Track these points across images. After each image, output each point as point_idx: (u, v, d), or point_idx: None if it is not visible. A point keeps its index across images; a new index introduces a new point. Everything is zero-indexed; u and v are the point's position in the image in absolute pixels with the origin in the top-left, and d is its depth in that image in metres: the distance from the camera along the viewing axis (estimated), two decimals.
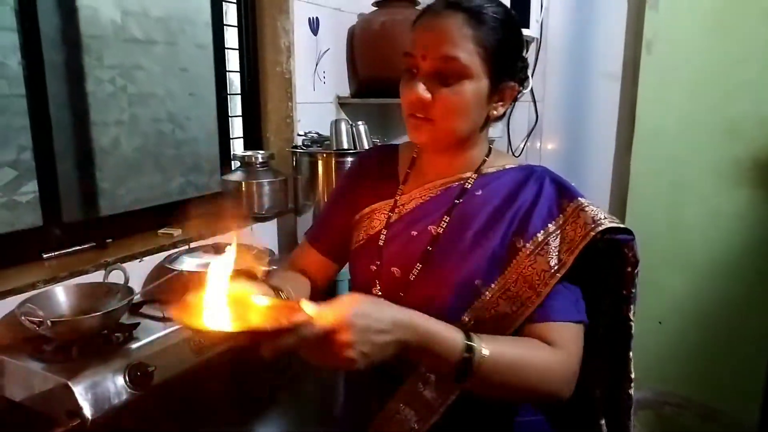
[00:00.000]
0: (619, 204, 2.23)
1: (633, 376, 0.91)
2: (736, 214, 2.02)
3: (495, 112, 0.91)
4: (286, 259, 1.15)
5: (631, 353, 0.91)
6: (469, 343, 0.74)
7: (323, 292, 1.10)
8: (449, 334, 0.74)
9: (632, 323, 0.89)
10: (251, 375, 1.31)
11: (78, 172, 1.59)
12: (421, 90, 0.84)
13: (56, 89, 1.46)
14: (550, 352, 0.81)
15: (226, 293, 0.73)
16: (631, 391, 0.91)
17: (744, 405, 2.06)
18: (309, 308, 0.67)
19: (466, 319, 0.85)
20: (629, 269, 0.87)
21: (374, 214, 0.99)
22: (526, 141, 2.39)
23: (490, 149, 0.97)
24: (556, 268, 0.83)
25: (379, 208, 0.99)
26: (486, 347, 0.75)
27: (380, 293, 0.93)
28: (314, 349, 0.67)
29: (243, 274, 0.82)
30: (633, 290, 0.88)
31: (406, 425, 0.87)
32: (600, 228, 0.83)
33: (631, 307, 0.89)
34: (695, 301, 2.13)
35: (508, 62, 0.88)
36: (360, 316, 0.67)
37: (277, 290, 0.91)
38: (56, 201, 1.45)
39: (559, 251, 0.84)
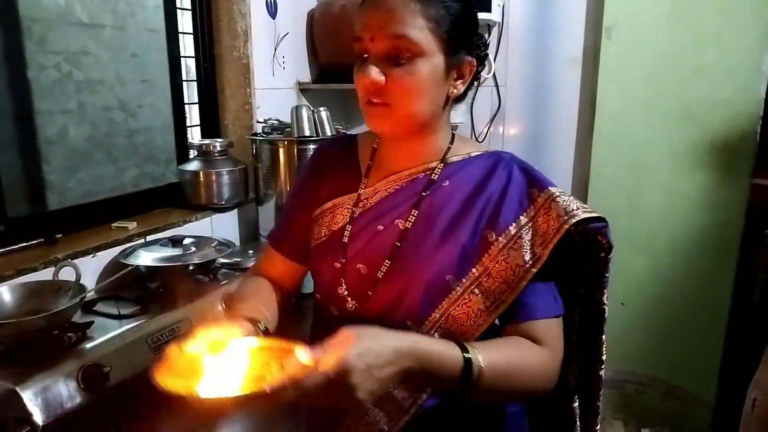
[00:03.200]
0: (581, 187, 2.25)
1: (604, 358, 0.92)
2: (694, 197, 2.07)
3: (455, 91, 0.87)
4: (251, 267, 1.11)
5: (603, 336, 0.91)
6: (467, 356, 0.73)
7: (293, 295, 1.07)
8: (447, 351, 0.73)
9: (605, 306, 0.89)
10: None
11: (22, 164, 1.51)
12: (374, 73, 0.80)
13: None
14: (540, 352, 0.82)
15: (208, 347, 0.69)
16: (602, 373, 0.92)
17: (702, 382, 2.13)
18: (304, 357, 0.64)
19: (437, 315, 0.83)
20: (602, 254, 0.85)
21: (336, 209, 0.95)
22: (489, 126, 2.39)
23: (453, 135, 0.94)
24: (531, 262, 0.82)
25: (342, 203, 0.95)
26: (482, 358, 0.74)
27: (346, 292, 0.90)
28: (318, 396, 0.64)
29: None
30: (606, 275, 0.87)
31: (375, 427, 0.85)
32: (573, 220, 0.82)
33: (604, 291, 0.88)
34: (655, 282, 2.18)
35: (462, 36, 0.84)
36: (360, 356, 0.65)
37: (254, 322, 0.86)
38: None
39: (532, 245, 0.83)
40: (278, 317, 0.97)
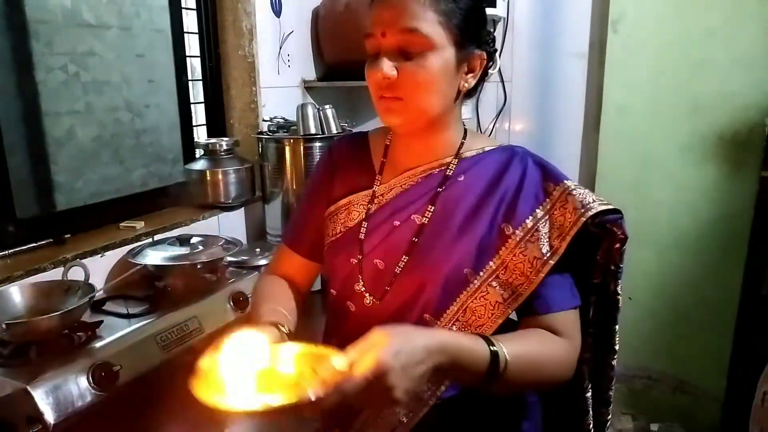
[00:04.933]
0: (588, 182, 2.24)
1: (617, 347, 0.92)
2: (702, 190, 2.06)
3: (466, 84, 0.88)
4: (266, 267, 1.12)
5: (617, 326, 0.91)
6: (493, 349, 0.74)
7: (306, 293, 1.07)
8: (475, 346, 0.75)
9: (619, 297, 0.90)
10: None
11: (31, 165, 1.52)
12: (387, 67, 0.81)
13: (3, 78, 1.38)
14: (560, 343, 0.83)
15: (242, 359, 0.68)
16: (614, 362, 0.92)
17: (712, 376, 2.11)
18: (340, 362, 0.65)
19: (455, 308, 0.84)
20: (617, 245, 0.86)
21: (351, 206, 0.96)
22: (495, 122, 2.38)
23: (465, 131, 0.95)
24: (548, 254, 0.83)
25: (356, 200, 0.96)
26: (507, 350, 0.75)
27: (363, 287, 0.91)
28: (357, 399, 0.64)
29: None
30: (621, 265, 0.87)
31: (394, 418, 0.86)
32: (590, 213, 0.83)
33: (618, 281, 0.89)
34: (664, 276, 2.17)
35: (472, 30, 0.85)
36: (394, 355, 0.65)
37: (277, 326, 0.85)
38: (8, 196, 1.38)
39: (549, 237, 0.84)
40: (296, 315, 0.97)
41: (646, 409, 2.24)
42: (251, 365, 0.68)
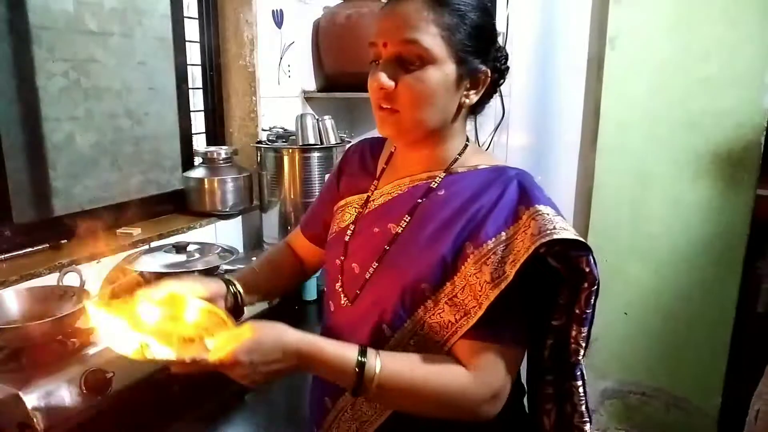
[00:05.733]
0: (584, 197, 2.25)
1: (584, 408, 0.84)
2: (697, 206, 2.07)
3: (467, 101, 0.86)
4: (286, 238, 1.20)
5: (579, 383, 0.83)
6: (362, 359, 0.76)
7: (310, 273, 1.16)
8: (342, 354, 0.76)
9: (581, 348, 0.81)
10: (215, 379, 1.27)
11: (29, 170, 1.52)
12: (383, 78, 0.81)
13: (3, 83, 1.39)
14: (460, 374, 0.78)
15: (160, 295, 0.83)
16: (586, 428, 0.84)
17: (706, 393, 2.11)
18: (210, 343, 0.76)
19: (412, 323, 0.82)
20: (585, 285, 0.78)
21: (347, 208, 0.98)
22: (493, 135, 2.39)
23: (466, 146, 0.92)
24: (497, 280, 0.76)
25: (352, 202, 0.98)
26: (382, 365, 0.76)
27: (341, 288, 0.92)
28: (216, 373, 0.75)
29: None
30: (587, 311, 0.79)
31: (361, 420, 0.87)
32: (543, 240, 0.74)
33: (582, 329, 0.80)
34: (659, 292, 2.17)
35: (478, 46, 0.84)
36: (246, 352, 0.72)
37: (228, 283, 0.95)
38: (6, 201, 1.38)
39: (503, 263, 0.77)
40: (288, 282, 1.13)
41: (640, 425, 2.24)
42: (159, 307, 0.81)
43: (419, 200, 0.89)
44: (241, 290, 0.97)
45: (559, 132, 2.29)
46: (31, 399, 0.98)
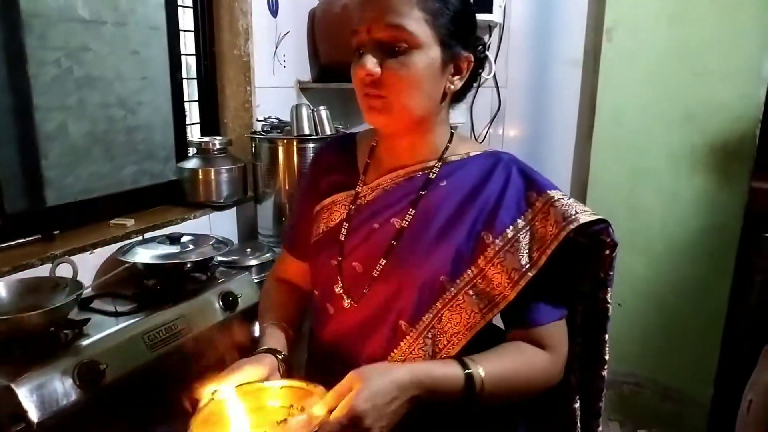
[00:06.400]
0: (579, 189, 2.25)
1: (607, 357, 0.90)
2: (692, 200, 2.07)
3: (452, 86, 0.87)
4: (272, 270, 1.15)
5: (606, 336, 0.90)
6: (467, 371, 0.76)
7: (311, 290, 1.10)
8: (449, 372, 0.76)
9: (609, 305, 0.88)
10: (209, 370, 1.27)
11: (21, 160, 1.50)
12: (370, 64, 0.80)
13: None
14: (541, 356, 0.83)
15: (236, 391, 0.76)
16: (604, 373, 0.91)
17: (699, 384, 2.13)
18: (318, 409, 0.69)
19: (431, 316, 0.83)
20: (607, 252, 0.84)
21: (334, 206, 0.96)
22: (489, 127, 2.39)
23: (452, 134, 0.93)
24: (527, 266, 0.81)
25: (339, 200, 0.96)
26: (482, 370, 0.77)
27: (342, 290, 0.90)
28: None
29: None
30: (611, 273, 0.86)
31: None
32: (572, 226, 0.80)
33: (608, 289, 0.87)
34: (653, 284, 2.18)
35: (460, 31, 0.84)
36: (367, 399, 0.69)
37: (274, 353, 0.89)
38: None
39: (530, 249, 0.82)
40: (301, 317, 1.04)
41: (633, 416, 2.25)
42: (243, 401, 0.75)
43: (421, 192, 0.89)
44: (286, 353, 0.92)
45: (555, 124, 2.29)
46: (24, 391, 0.98)
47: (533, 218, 0.83)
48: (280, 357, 0.88)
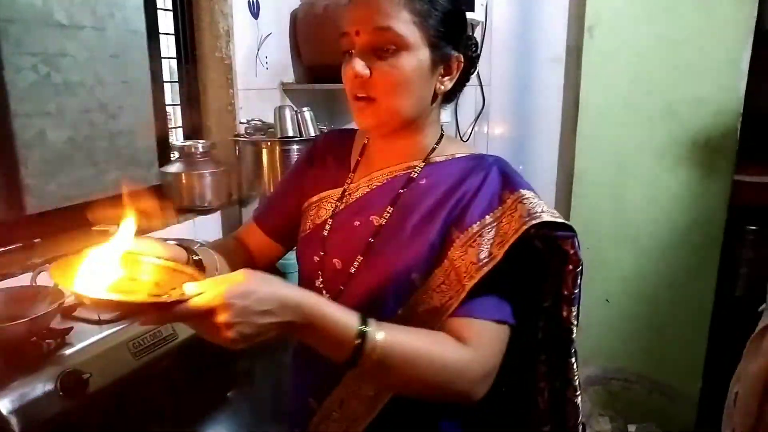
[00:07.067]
0: (565, 185, 2.26)
1: (577, 383, 0.85)
2: (676, 194, 2.09)
3: (442, 87, 0.87)
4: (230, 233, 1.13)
5: (572, 359, 0.84)
6: (363, 328, 0.70)
7: (260, 269, 1.07)
8: (343, 319, 0.70)
9: (573, 326, 0.82)
10: (196, 377, 1.26)
11: None
12: (359, 66, 0.80)
13: None
14: (460, 349, 0.76)
15: (119, 252, 0.72)
16: (577, 400, 0.85)
17: (687, 377, 2.15)
18: (189, 287, 0.64)
19: (404, 312, 0.82)
20: (570, 267, 0.80)
21: (322, 203, 0.96)
22: (474, 125, 2.39)
23: (442, 136, 0.93)
24: (484, 261, 0.78)
25: (327, 197, 0.96)
26: (382, 334, 0.71)
27: (322, 285, 0.90)
28: (192, 324, 0.66)
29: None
30: (575, 291, 0.80)
31: (341, 426, 0.86)
32: (534, 222, 0.76)
33: (573, 309, 0.82)
34: (640, 279, 2.19)
35: (449, 32, 0.84)
36: (240, 296, 0.63)
37: (189, 251, 0.86)
38: None
39: (491, 244, 0.79)
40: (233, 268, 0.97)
41: (623, 410, 2.27)
42: (117, 265, 0.71)
43: (401, 190, 0.88)
44: (206, 260, 0.88)
45: (539, 121, 2.30)
46: (5, 402, 0.96)
47: (502, 215, 0.81)
48: (193, 257, 0.86)
